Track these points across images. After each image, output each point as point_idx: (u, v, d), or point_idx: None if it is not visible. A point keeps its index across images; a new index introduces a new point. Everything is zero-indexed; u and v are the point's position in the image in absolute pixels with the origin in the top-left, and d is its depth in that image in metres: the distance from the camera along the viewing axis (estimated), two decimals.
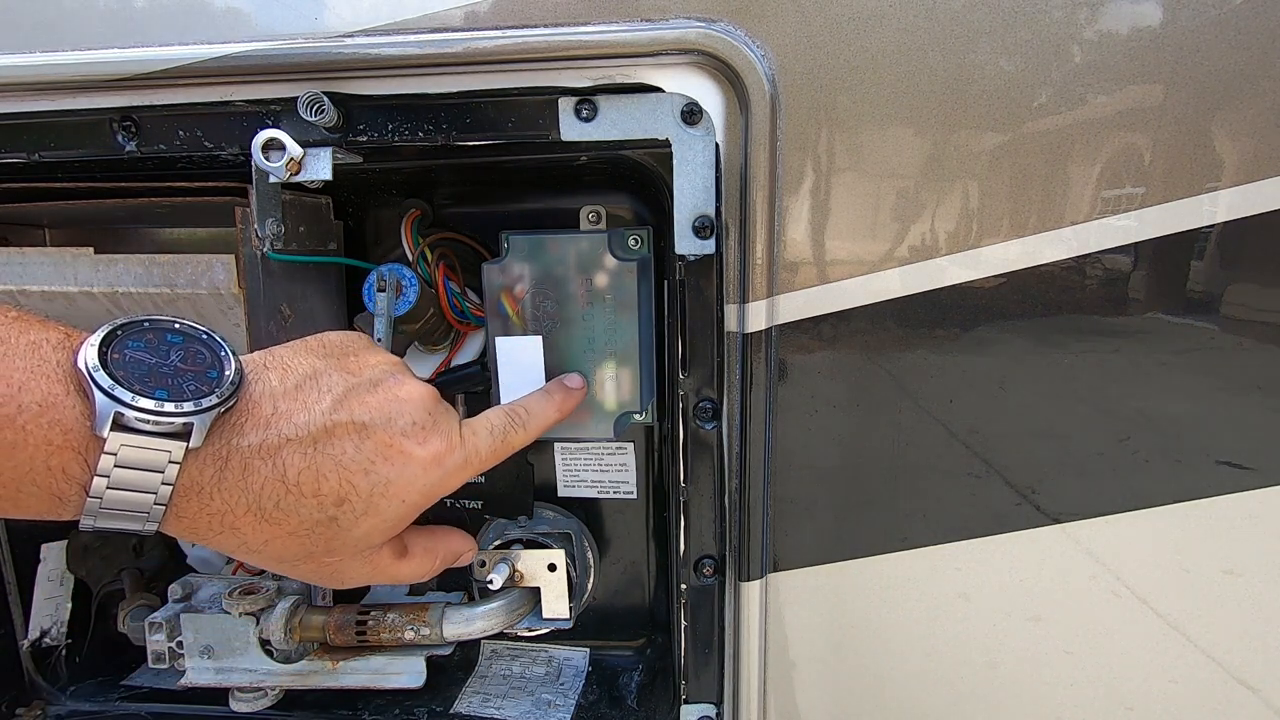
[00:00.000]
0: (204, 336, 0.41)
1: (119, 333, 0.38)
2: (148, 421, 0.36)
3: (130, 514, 0.37)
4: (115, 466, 0.36)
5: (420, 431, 0.44)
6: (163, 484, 0.37)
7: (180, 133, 0.54)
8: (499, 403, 0.60)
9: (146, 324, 0.40)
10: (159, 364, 0.38)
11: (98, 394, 0.35)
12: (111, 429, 0.35)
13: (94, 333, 0.38)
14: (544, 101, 0.51)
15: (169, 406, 0.36)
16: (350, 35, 0.50)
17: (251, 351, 0.45)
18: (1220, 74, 0.46)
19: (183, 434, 0.37)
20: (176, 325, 0.40)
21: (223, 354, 0.40)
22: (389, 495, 0.43)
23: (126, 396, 0.36)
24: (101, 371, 0.36)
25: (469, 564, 0.56)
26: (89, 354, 0.36)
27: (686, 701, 0.62)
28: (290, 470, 0.40)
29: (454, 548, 0.54)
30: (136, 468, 0.36)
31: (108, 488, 0.36)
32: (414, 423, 0.44)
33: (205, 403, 0.37)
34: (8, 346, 0.35)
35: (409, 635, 0.62)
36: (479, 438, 0.48)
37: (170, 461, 0.37)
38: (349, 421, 0.42)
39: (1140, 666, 0.56)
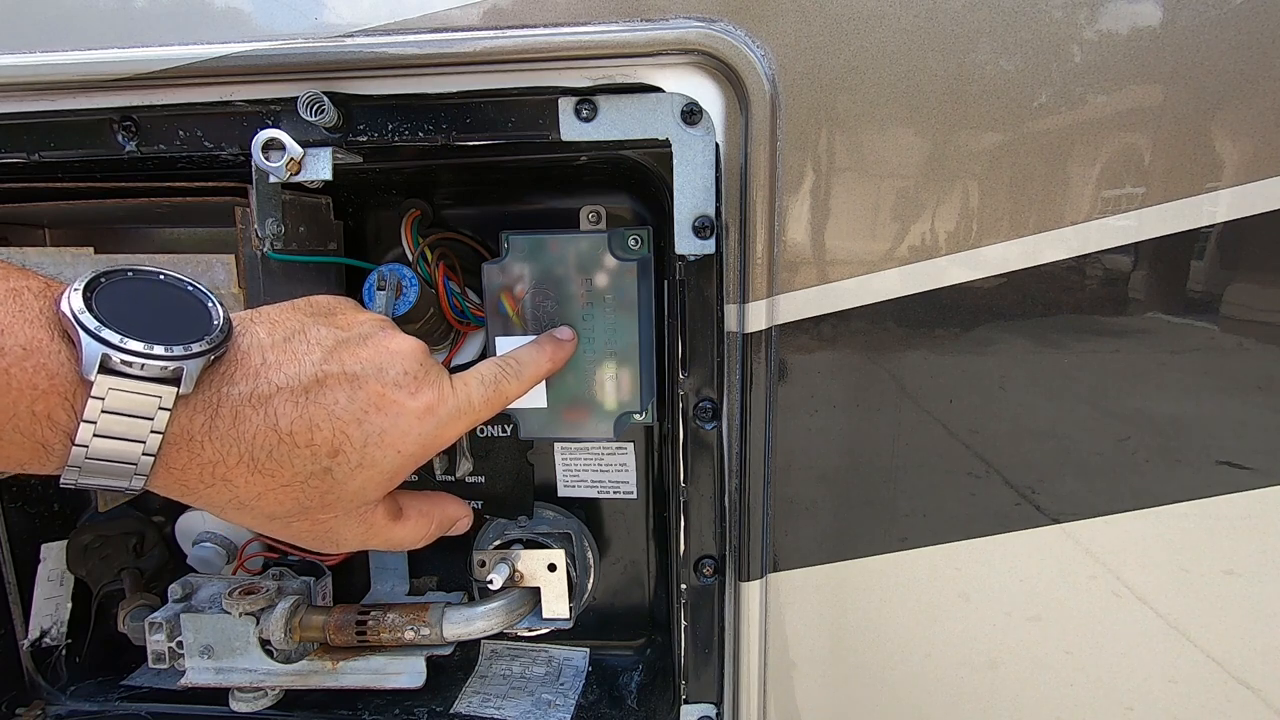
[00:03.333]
0: (189, 287, 0.39)
1: (102, 280, 0.37)
2: (136, 365, 0.35)
3: (117, 466, 0.36)
4: (103, 412, 0.34)
5: (412, 381, 0.44)
6: (152, 432, 0.36)
7: (180, 133, 0.54)
8: None
9: (130, 273, 0.38)
10: (145, 311, 0.37)
11: (84, 336, 0.34)
12: (99, 372, 0.34)
13: (77, 280, 0.36)
14: (544, 101, 0.51)
15: (159, 349, 0.35)
16: (350, 35, 0.50)
17: None
18: (1220, 74, 0.46)
19: (172, 379, 0.36)
20: (161, 276, 0.39)
21: (209, 304, 0.39)
22: (383, 445, 0.42)
23: (114, 338, 0.34)
24: (87, 314, 0.34)
25: (463, 532, 0.55)
26: (73, 299, 0.35)
27: (686, 701, 0.62)
28: (283, 419, 0.39)
29: (450, 513, 0.53)
30: (125, 414, 0.35)
31: (94, 435, 0.35)
32: (405, 372, 0.44)
33: (195, 348, 0.36)
34: None
35: (409, 635, 0.62)
36: (470, 387, 0.47)
37: (160, 408, 0.36)
38: (340, 372, 0.41)
39: (1140, 666, 0.56)
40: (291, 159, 0.50)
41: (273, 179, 0.50)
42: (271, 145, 0.49)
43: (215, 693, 0.66)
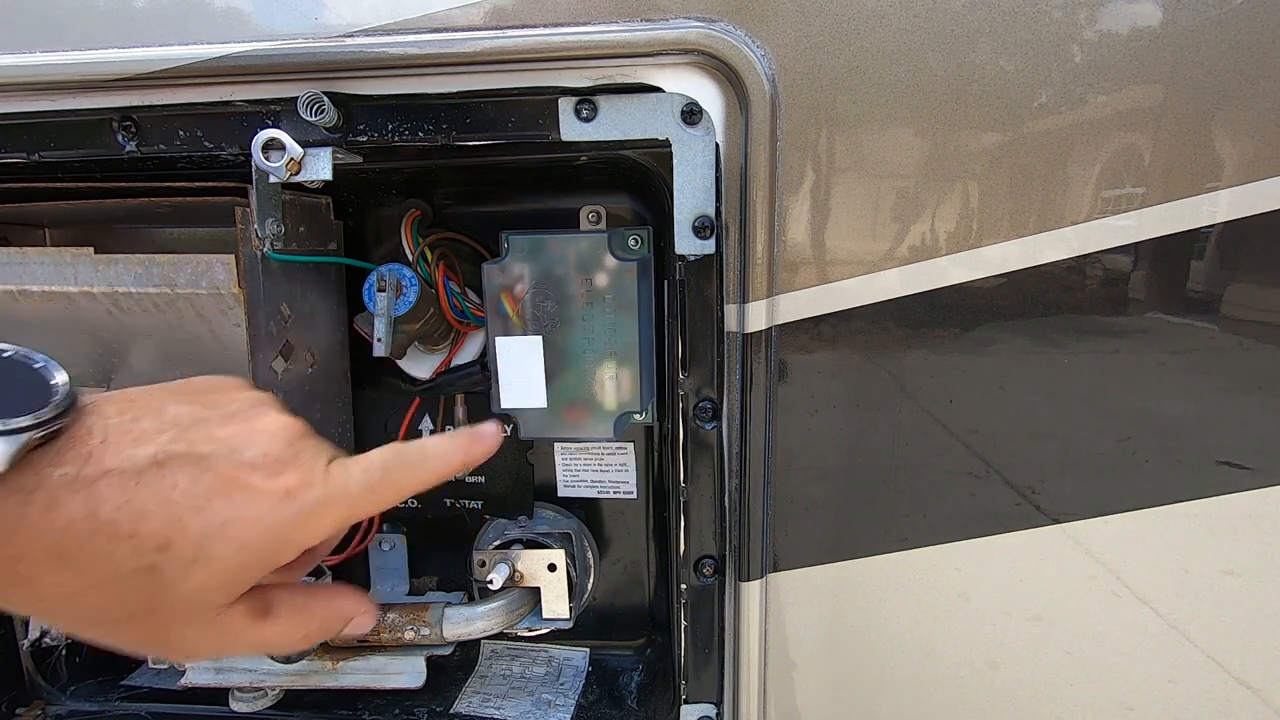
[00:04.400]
0: (39, 364, 0.35)
1: None
2: None
3: None
4: None
5: (272, 464, 0.37)
6: None
7: (180, 133, 0.54)
8: (499, 403, 0.60)
9: None
10: None
11: None
12: None
13: None
14: (544, 101, 0.51)
15: None
16: (350, 35, 0.50)
17: (250, 351, 0.43)
18: (1220, 74, 0.46)
19: None
20: (7, 353, 0.35)
21: (55, 381, 0.35)
22: (225, 538, 0.35)
23: None
24: None
25: (364, 632, 0.46)
26: None
27: (686, 701, 0.62)
28: (104, 506, 0.33)
29: (340, 609, 0.44)
30: None
31: None
32: (264, 454, 0.37)
33: (14, 423, 0.32)
34: None
35: (409, 635, 0.62)
36: (350, 474, 0.39)
37: None
38: (186, 453, 0.36)
39: (1140, 666, 0.56)
40: (291, 159, 0.50)
41: (273, 179, 0.50)
42: (271, 145, 0.49)
43: (215, 693, 0.66)
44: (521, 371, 0.58)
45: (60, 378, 0.35)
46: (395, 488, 0.41)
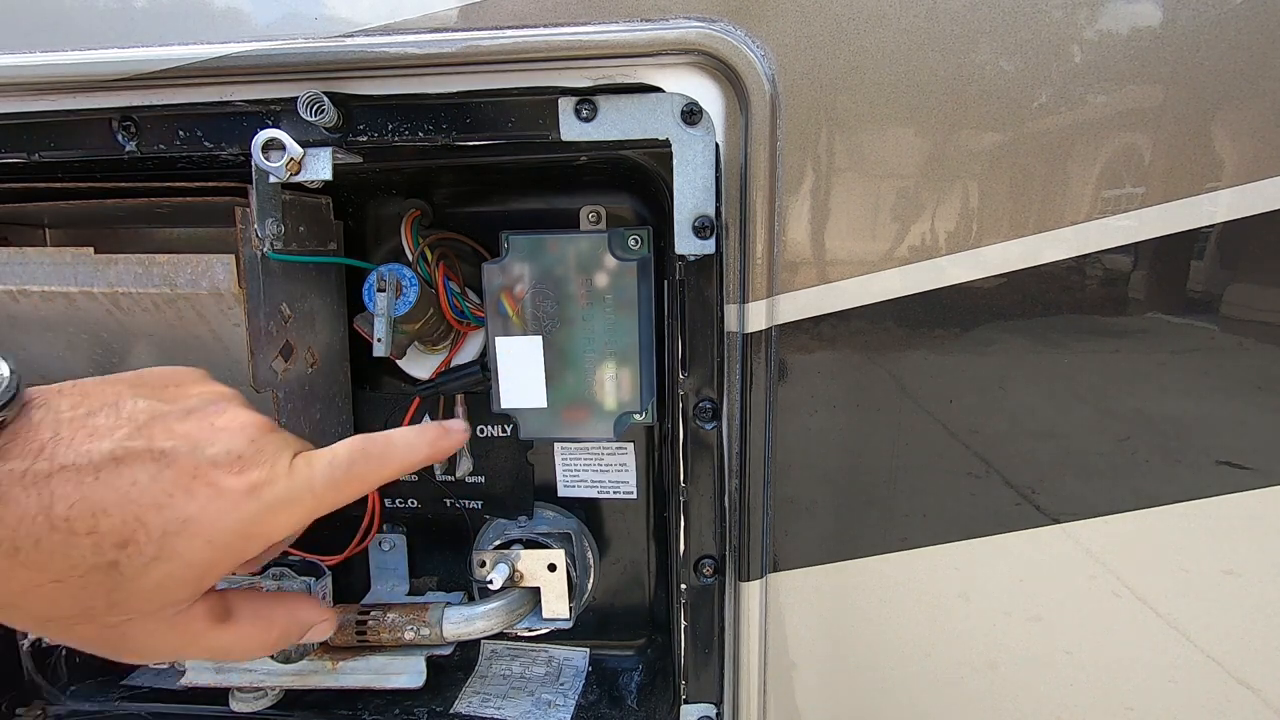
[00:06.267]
0: None
1: None
2: None
3: None
4: None
5: (236, 461, 0.37)
6: None
7: (180, 133, 0.54)
8: (499, 403, 0.60)
9: None
10: None
11: None
12: None
13: None
14: (544, 101, 0.51)
15: None
16: (350, 35, 0.50)
17: (250, 351, 0.43)
18: (1220, 74, 0.46)
19: None
20: None
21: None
22: (188, 534, 0.35)
23: None
24: None
25: (323, 639, 0.46)
26: None
27: (686, 701, 0.62)
28: (60, 502, 0.33)
29: (300, 617, 0.44)
30: None
31: None
32: (228, 451, 0.37)
33: None
34: None
35: (409, 635, 0.62)
36: (314, 469, 0.39)
37: None
38: (145, 449, 0.35)
39: (1140, 666, 0.56)
40: (291, 159, 0.50)
41: (273, 179, 0.50)
42: (271, 145, 0.49)
43: (215, 693, 0.66)
44: (521, 371, 0.58)
45: (9, 380, 0.34)
46: (360, 482, 0.41)
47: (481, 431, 0.70)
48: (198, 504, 0.35)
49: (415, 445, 0.44)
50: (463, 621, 0.62)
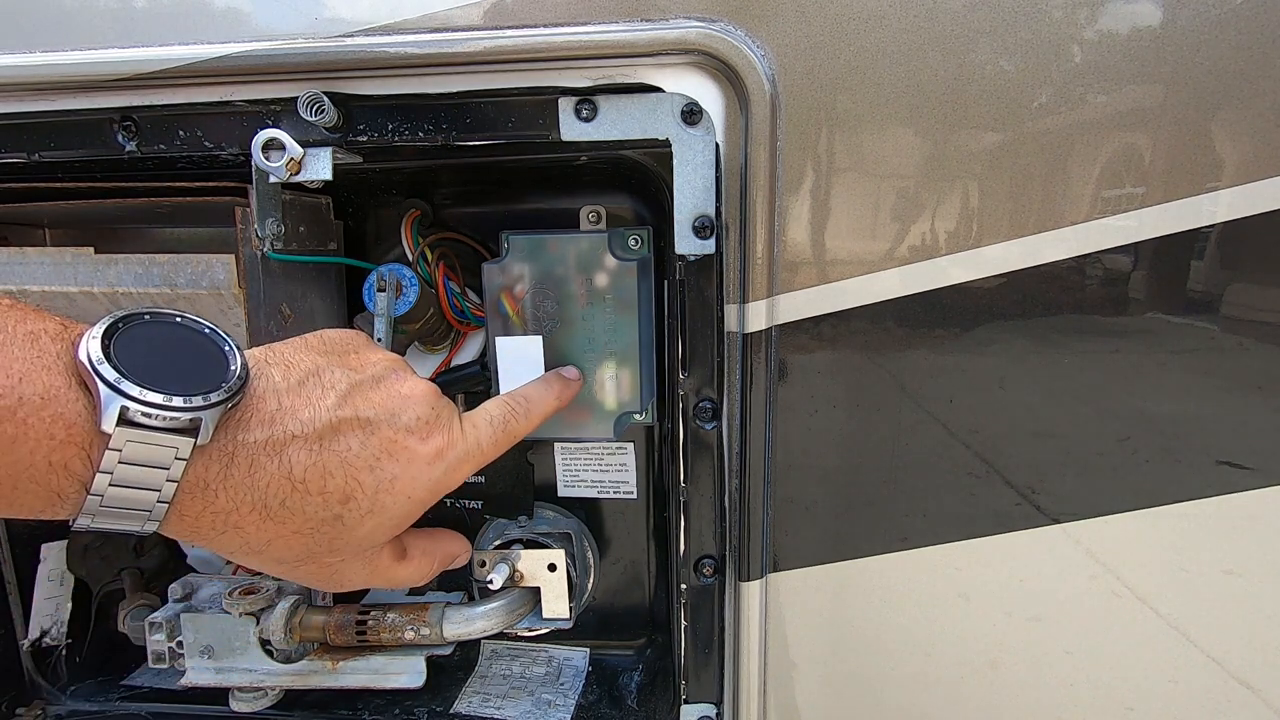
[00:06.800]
0: (207, 330, 0.39)
1: (120, 325, 0.37)
2: (155, 416, 0.34)
3: (131, 513, 0.36)
4: (120, 463, 0.34)
5: (424, 427, 0.44)
6: (168, 481, 0.36)
7: (180, 133, 0.54)
8: None
9: (148, 316, 0.38)
10: (162, 357, 0.37)
11: (102, 388, 0.34)
12: (118, 424, 0.34)
13: (95, 324, 0.36)
14: (544, 101, 0.51)
15: (177, 401, 0.35)
16: (350, 35, 0.50)
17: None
18: (1220, 74, 0.46)
19: (190, 429, 0.36)
20: (179, 319, 0.39)
21: (226, 349, 0.39)
22: (394, 492, 0.42)
23: (133, 390, 0.34)
24: (106, 364, 0.34)
25: (464, 565, 0.56)
26: (91, 346, 0.35)
27: (686, 701, 0.62)
28: (297, 467, 0.39)
29: (450, 550, 0.54)
30: (142, 464, 0.35)
31: (110, 485, 0.35)
32: (418, 418, 0.44)
33: (214, 397, 0.36)
34: (6, 335, 0.33)
35: (409, 635, 0.62)
36: (480, 430, 0.48)
37: (177, 458, 0.36)
38: (354, 417, 0.42)
39: (1140, 666, 0.56)
40: (291, 159, 0.50)
41: (273, 179, 0.50)
42: (271, 145, 0.49)
43: (215, 693, 0.66)
44: (522, 371, 0.58)
45: (237, 354, 0.39)
46: (513, 437, 0.50)
47: None
48: (400, 465, 0.43)
49: (545, 398, 0.54)
50: (463, 621, 0.62)
